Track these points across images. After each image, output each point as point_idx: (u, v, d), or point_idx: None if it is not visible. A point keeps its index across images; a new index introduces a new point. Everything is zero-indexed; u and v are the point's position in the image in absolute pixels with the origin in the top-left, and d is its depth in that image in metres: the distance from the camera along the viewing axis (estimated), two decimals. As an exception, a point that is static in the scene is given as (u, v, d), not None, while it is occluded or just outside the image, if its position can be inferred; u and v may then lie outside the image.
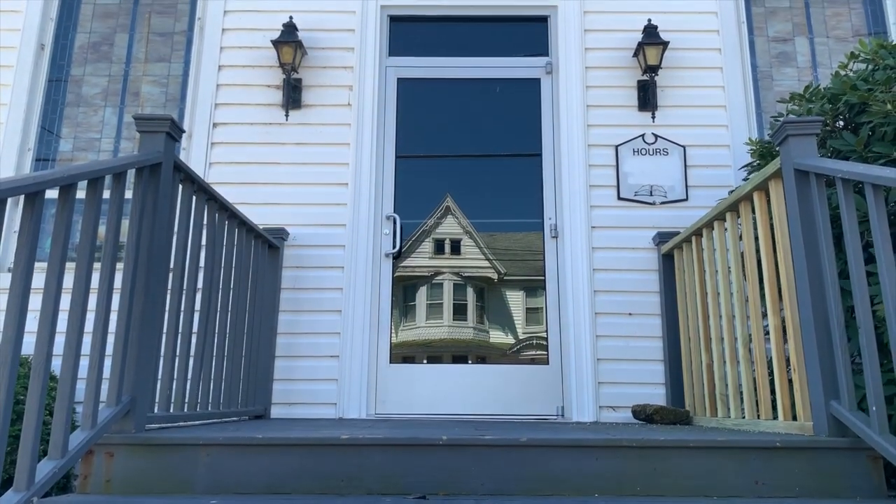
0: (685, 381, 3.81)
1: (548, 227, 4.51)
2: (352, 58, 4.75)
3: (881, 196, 2.10)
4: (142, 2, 5.00)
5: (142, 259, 2.42)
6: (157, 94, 4.79)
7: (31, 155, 4.64)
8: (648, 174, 4.46)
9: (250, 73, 4.72)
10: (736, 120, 4.54)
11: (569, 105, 4.62)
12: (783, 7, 4.93)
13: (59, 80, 4.82)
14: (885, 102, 2.58)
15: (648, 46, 4.52)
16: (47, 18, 4.87)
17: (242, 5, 4.86)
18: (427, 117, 4.79)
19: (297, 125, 4.62)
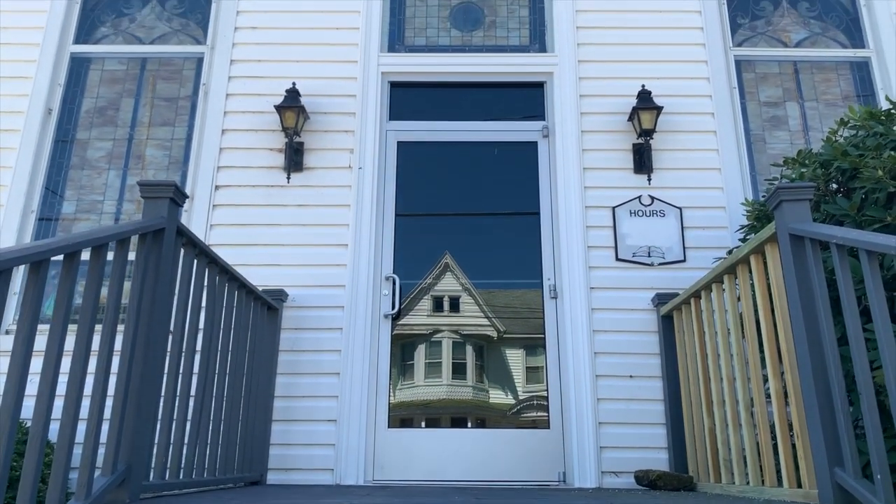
0: (688, 445, 3.76)
1: (547, 287, 4.53)
2: (353, 122, 4.85)
3: (876, 262, 2.12)
4: (148, 68, 5.13)
5: (143, 322, 2.42)
6: (161, 157, 4.87)
7: (34, 216, 4.69)
8: (646, 235, 4.51)
9: (253, 136, 4.81)
10: (731, 182, 4.61)
11: (566, 167, 4.70)
12: (773, 73, 5.07)
13: (65, 142, 4.91)
14: (876, 168, 2.63)
15: (643, 111, 4.63)
16: (56, 84, 4.99)
17: (247, 71, 4.99)
18: (427, 178, 4.86)
19: (299, 187, 4.69)
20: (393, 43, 5.24)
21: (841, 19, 5.21)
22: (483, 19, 5.33)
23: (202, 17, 5.26)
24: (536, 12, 5.32)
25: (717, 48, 4.99)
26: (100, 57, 5.15)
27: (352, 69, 4.99)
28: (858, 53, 5.07)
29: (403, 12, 5.35)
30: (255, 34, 5.09)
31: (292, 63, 5.00)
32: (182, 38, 5.21)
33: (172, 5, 5.31)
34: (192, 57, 5.13)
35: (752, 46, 5.14)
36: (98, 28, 5.23)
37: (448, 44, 5.26)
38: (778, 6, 5.26)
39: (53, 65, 4.98)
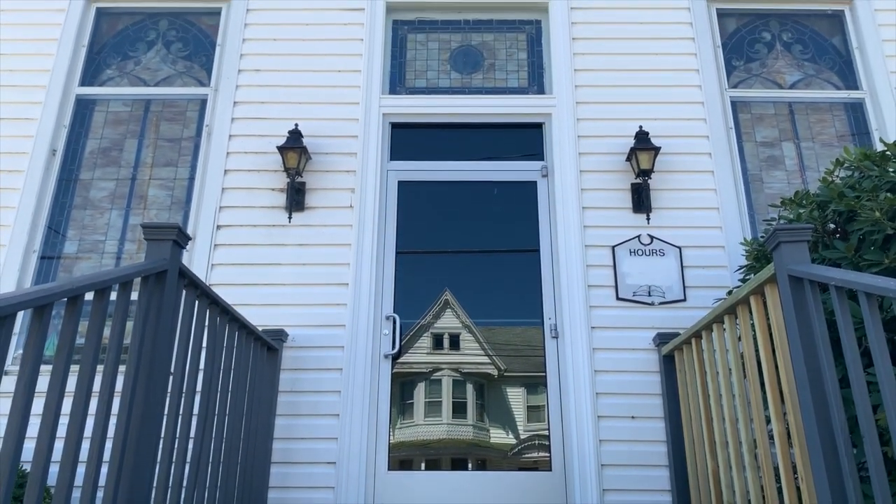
0: (692, 487, 3.72)
1: (548, 327, 4.52)
2: (354, 162, 4.90)
3: (875, 304, 2.13)
4: (152, 109, 5.20)
5: (144, 364, 2.42)
6: (163, 197, 4.91)
7: (36, 256, 4.71)
8: (646, 275, 4.52)
9: (255, 176, 4.85)
10: (729, 221, 4.64)
11: (565, 207, 4.73)
12: (769, 114, 5.14)
13: (69, 182, 4.95)
14: (872, 210, 2.66)
15: (641, 151, 4.68)
16: (61, 125, 5.05)
17: (250, 113, 5.05)
18: (427, 217, 4.89)
19: (300, 226, 4.71)
20: (394, 85, 5.32)
21: (834, 61, 5.30)
22: (482, 62, 5.42)
23: (206, 59, 5.35)
24: (534, 55, 5.42)
25: (713, 90, 5.07)
26: (105, 99, 5.22)
27: (353, 110, 5.06)
28: (852, 95, 5.14)
29: (404, 55, 5.44)
30: (258, 76, 5.17)
31: (295, 105, 5.07)
32: (186, 80, 5.30)
33: (177, 48, 5.41)
34: (195, 98, 5.21)
35: (747, 88, 5.22)
36: (104, 71, 5.32)
37: (448, 86, 5.34)
38: (772, 49, 5.35)
39: (59, 107, 5.05)
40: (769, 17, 5.44)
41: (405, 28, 5.53)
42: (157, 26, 5.49)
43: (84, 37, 5.36)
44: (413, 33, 5.52)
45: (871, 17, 5.24)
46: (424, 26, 5.53)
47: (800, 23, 5.43)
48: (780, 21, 5.43)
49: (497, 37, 5.50)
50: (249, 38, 5.30)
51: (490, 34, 5.51)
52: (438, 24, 5.53)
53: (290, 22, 5.34)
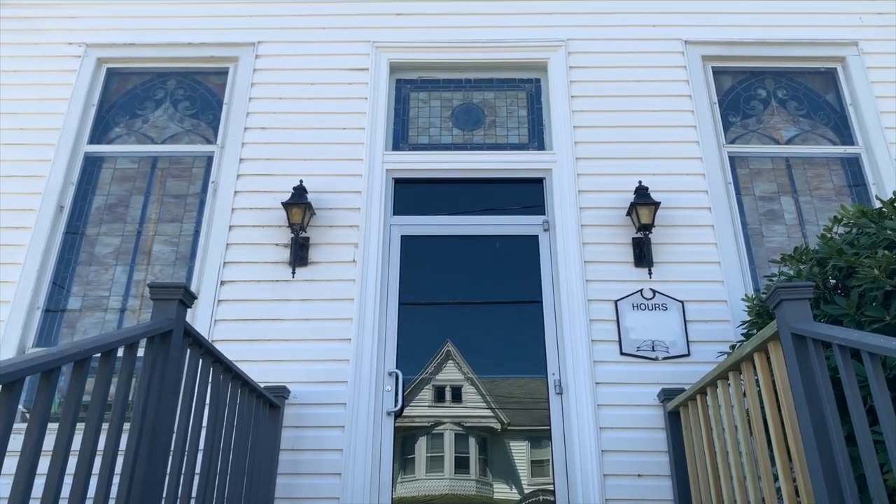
0: (700, 547, 3.64)
1: (552, 382, 4.50)
2: (358, 217, 4.95)
3: (878, 363, 2.13)
4: (159, 166, 5.29)
5: (147, 423, 2.41)
6: (168, 253, 4.95)
7: (40, 313, 4.72)
8: (649, 329, 4.52)
9: (260, 232, 4.90)
10: (731, 276, 4.66)
11: (567, 261, 4.76)
12: (767, 169, 5.22)
13: (75, 238, 5.00)
14: (871, 268, 2.68)
15: (641, 206, 4.73)
16: (69, 183, 5.13)
17: (255, 169, 5.14)
18: (430, 270, 4.92)
19: (303, 282, 4.74)
20: (397, 141, 5.42)
21: (829, 117, 5.41)
22: (483, 119, 5.53)
23: (213, 117, 5.46)
24: (534, 112, 5.53)
25: (710, 145, 5.15)
26: (112, 156, 5.32)
27: (357, 167, 5.14)
28: (848, 150, 5.23)
29: (407, 113, 5.55)
30: (264, 134, 5.27)
31: (300, 161, 5.15)
32: (193, 137, 5.40)
33: (185, 107, 5.53)
34: (202, 156, 5.30)
35: (744, 143, 5.31)
36: (112, 129, 5.42)
37: (450, 142, 5.44)
38: (767, 105, 5.46)
39: (67, 164, 5.13)
40: (763, 74, 5.56)
41: (408, 86, 5.66)
42: (165, 85, 5.62)
43: (94, 96, 5.49)
44: (416, 91, 5.65)
45: (864, 74, 5.36)
46: (427, 85, 5.66)
47: (794, 80, 5.55)
48: (775, 78, 5.56)
49: (497, 95, 5.63)
50: (256, 96, 5.42)
51: (491, 92, 5.64)
52: (440, 82, 5.66)
53: (296, 81, 5.47)
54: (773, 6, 5.64)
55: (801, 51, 5.50)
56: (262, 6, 5.75)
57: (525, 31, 5.65)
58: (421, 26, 5.69)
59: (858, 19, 5.57)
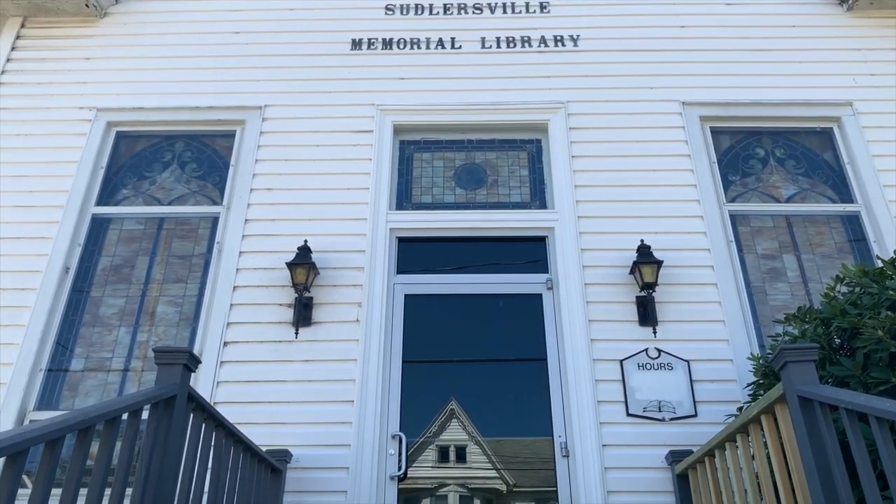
0: None
1: (558, 445, 4.44)
2: (361, 276, 4.97)
3: (886, 427, 2.11)
4: (165, 227, 5.34)
5: (150, 491, 2.39)
6: (172, 314, 4.95)
7: (42, 375, 4.70)
8: (655, 389, 4.48)
9: (264, 292, 4.91)
10: (735, 334, 4.64)
11: (571, 320, 4.76)
12: (768, 227, 5.25)
13: (79, 300, 5.01)
14: (875, 328, 2.68)
15: (643, 265, 4.75)
16: (75, 244, 5.17)
17: (260, 230, 5.18)
18: (434, 328, 4.92)
19: (306, 342, 4.73)
20: (401, 200, 5.48)
21: (827, 176, 5.47)
22: (486, 178, 5.61)
23: (219, 178, 5.54)
24: (536, 172, 5.61)
25: (711, 203, 5.20)
26: (119, 217, 5.38)
27: (361, 226, 5.19)
28: (848, 208, 5.27)
29: (411, 173, 5.64)
30: (269, 195, 5.34)
31: (304, 221, 5.21)
32: (199, 198, 5.47)
33: (192, 168, 5.62)
34: (207, 216, 5.36)
35: (744, 202, 5.36)
36: (120, 190, 5.50)
37: (453, 201, 5.50)
38: (766, 164, 5.54)
39: (74, 226, 5.19)
40: (761, 134, 5.66)
41: (412, 147, 5.76)
42: (173, 148, 5.73)
43: (103, 158, 5.58)
44: (419, 152, 5.75)
45: (860, 133, 5.45)
46: (430, 145, 5.76)
47: (791, 139, 5.64)
48: (772, 138, 5.65)
49: (499, 155, 5.72)
50: (262, 158, 5.51)
51: (493, 152, 5.73)
52: (443, 143, 5.76)
53: (302, 143, 5.57)
54: (767, 68, 5.78)
55: (796, 111, 5.61)
56: (269, 71, 5.90)
57: (525, 93, 5.78)
58: (424, 90, 5.82)
59: (852, 80, 5.69)
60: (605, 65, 5.88)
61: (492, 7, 6.23)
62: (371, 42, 6.07)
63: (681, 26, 6.03)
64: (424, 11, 6.23)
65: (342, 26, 6.13)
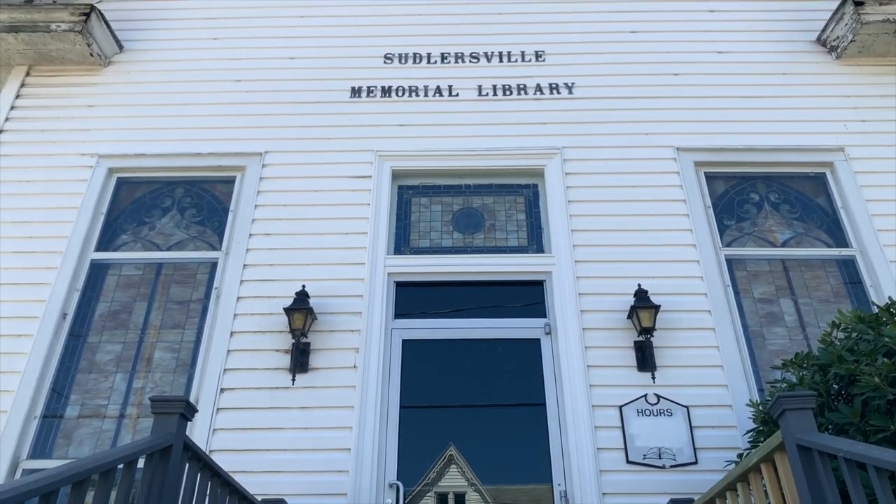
0: None
1: (557, 494, 4.38)
2: (359, 322, 4.97)
3: (885, 477, 2.10)
4: (163, 272, 5.36)
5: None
6: (169, 360, 4.93)
7: (37, 422, 4.66)
8: (655, 436, 4.44)
9: (261, 338, 4.91)
10: (734, 380, 4.63)
11: (570, 366, 4.74)
12: (764, 271, 5.28)
13: (76, 346, 4.99)
14: (872, 375, 2.68)
15: (641, 310, 4.76)
16: (73, 290, 5.18)
17: (258, 275, 5.20)
18: (432, 374, 4.90)
19: (303, 388, 4.70)
20: (399, 245, 5.51)
21: (822, 220, 5.52)
22: (483, 223, 5.65)
23: (219, 224, 5.57)
24: (533, 216, 5.65)
25: (707, 248, 5.23)
26: (118, 263, 5.40)
27: (359, 271, 5.20)
28: (843, 252, 5.30)
29: (409, 217, 5.68)
30: (268, 240, 5.37)
31: (302, 266, 5.22)
32: (198, 244, 5.50)
33: (191, 214, 5.66)
34: (206, 262, 5.38)
35: (740, 246, 5.39)
36: (119, 236, 5.53)
37: (451, 245, 5.53)
38: (761, 209, 5.59)
39: (73, 271, 5.20)
40: (755, 179, 5.72)
41: (410, 192, 5.82)
42: (173, 193, 5.78)
43: (103, 204, 5.62)
44: (417, 197, 5.80)
45: (852, 178, 5.52)
46: (428, 190, 5.82)
47: (785, 184, 5.70)
48: (766, 183, 5.71)
49: (497, 199, 5.77)
50: (261, 203, 5.56)
51: (490, 197, 5.79)
52: (441, 188, 5.82)
53: (301, 189, 5.62)
54: (759, 114, 5.87)
55: (789, 156, 5.69)
56: (269, 118, 5.99)
57: (522, 139, 5.86)
58: (422, 136, 5.90)
59: (843, 126, 5.78)
60: (599, 111, 5.98)
61: (488, 56, 6.36)
62: (370, 90, 6.17)
63: (674, 74, 6.15)
64: (423, 60, 6.36)
65: (342, 74, 6.24)
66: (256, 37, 6.51)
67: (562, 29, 6.47)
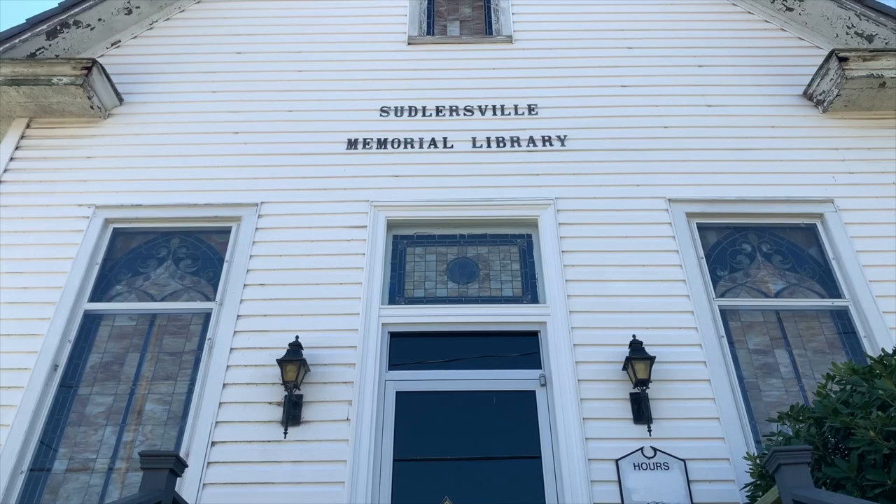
0: None
1: (553, 551, 4.29)
2: (352, 373, 4.93)
3: (886, 536, 2.08)
4: (157, 323, 5.33)
5: None
6: (160, 412, 4.88)
7: (23, 477, 4.57)
8: (653, 491, 4.37)
9: (253, 390, 4.86)
10: (731, 432, 4.58)
11: (565, 419, 4.70)
12: (758, 322, 5.28)
13: (66, 398, 4.94)
14: (867, 429, 2.67)
15: (636, 361, 4.74)
16: (66, 341, 5.14)
17: (252, 325, 5.18)
18: (426, 426, 4.84)
19: (295, 442, 4.64)
20: (393, 295, 5.51)
21: (814, 271, 5.55)
22: (478, 273, 5.67)
23: (213, 274, 5.58)
24: (527, 266, 5.68)
25: (700, 299, 5.24)
26: (111, 314, 5.37)
27: (353, 321, 5.19)
28: (836, 303, 5.32)
29: (404, 267, 5.70)
30: (262, 290, 5.37)
31: (296, 317, 5.21)
32: (193, 294, 5.49)
33: (186, 264, 5.67)
34: (200, 312, 5.36)
35: (734, 297, 5.41)
36: (113, 286, 5.53)
37: (445, 295, 5.54)
38: (753, 259, 5.62)
39: (66, 322, 5.17)
40: (747, 230, 5.77)
41: (405, 242, 5.85)
42: (168, 244, 5.80)
43: (98, 255, 5.63)
44: (412, 246, 5.83)
45: (843, 229, 5.57)
46: (423, 240, 5.85)
47: (777, 235, 5.75)
48: (758, 233, 5.76)
49: (491, 249, 5.80)
50: (256, 254, 5.57)
51: (484, 247, 5.82)
52: (436, 237, 5.85)
53: (296, 239, 5.65)
54: (749, 166, 5.96)
55: (780, 208, 5.75)
56: (266, 169, 6.05)
57: (515, 190, 5.93)
58: (417, 186, 5.96)
59: (832, 178, 5.87)
60: (592, 163, 6.06)
61: (482, 109, 6.47)
62: (366, 141, 6.27)
63: (664, 126, 6.27)
64: (418, 113, 6.47)
65: (339, 126, 6.34)
66: (255, 90, 6.63)
67: (554, 83, 6.61)
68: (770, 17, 7.10)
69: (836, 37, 6.74)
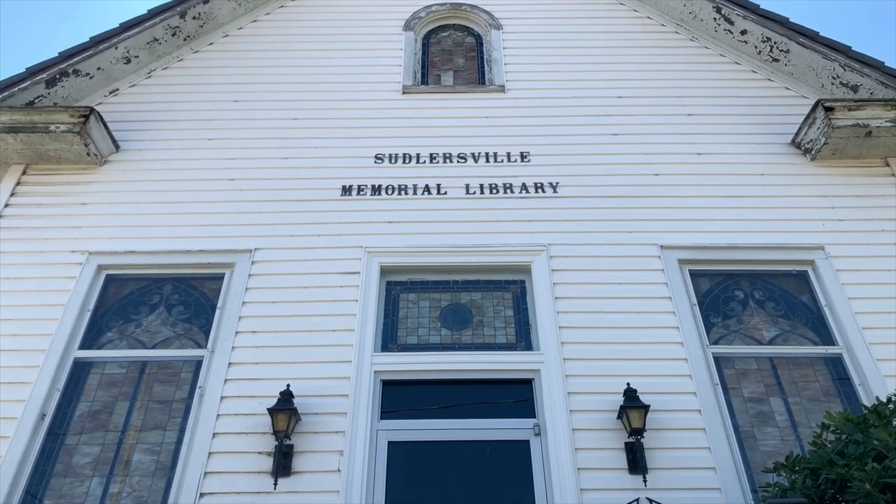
0: None
1: None
2: (343, 423, 4.87)
3: None
4: (147, 371, 5.28)
5: None
6: (148, 463, 4.79)
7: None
8: (648, 543, 4.30)
9: (243, 440, 4.79)
10: (727, 482, 4.52)
11: (560, 469, 4.63)
12: (752, 369, 5.26)
13: (53, 448, 4.86)
14: (863, 482, 2.64)
15: (631, 410, 4.70)
16: (54, 389, 5.08)
17: (243, 373, 5.14)
18: (419, 477, 4.77)
19: (286, 493, 4.55)
20: (386, 342, 5.49)
21: (807, 318, 5.55)
22: (471, 319, 5.66)
23: (205, 321, 5.55)
24: (520, 312, 5.67)
25: (694, 346, 5.23)
26: (102, 361, 5.33)
27: (345, 369, 5.15)
28: (830, 350, 5.31)
29: (397, 313, 5.68)
30: (254, 338, 5.34)
31: (288, 364, 5.17)
32: (184, 341, 5.45)
33: (178, 311, 5.64)
34: (191, 360, 5.32)
35: (727, 344, 5.40)
36: (104, 334, 5.49)
37: (438, 342, 5.51)
38: (746, 306, 5.63)
39: (55, 369, 5.12)
40: (739, 276, 5.79)
41: (398, 288, 5.85)
42: (161, 290, 5.78)
43: (91, 301, 5.60)
44: (405, 293, 5.83)
45: (834, 276, 5.59)
46: (416, 286, 5.85)
47: (769, 282, 5.77)
48: (751, 280, 5.78)
49: (484, 295, 5.80)
50: (249, 300, 5.56)
51: (478, 293, 5.82)
52: (429, 284, 5.86)
53: (289, 285, 5.64)
54: (740, 213, 6.01)
55: (771, 254, 5.78)
56: (260, 216, 6.08)
57: (508, 236, 5.96)
58: (411, 232, 5.99)
59: (822, 225, 5.91)
60: (584, 210, 6.11)
61: (475, 157, 6.55)
62: (361, 188, 6.31)
63: (655, 174, 6.33)
64: (412, 160, 6.54)
65: (333, 174, 6.40)
66: (251, 137, 6.70)
67: (546, 131, 6.70)
68: (757, 68, 7.24)
69: (821, 87, 6.87)
